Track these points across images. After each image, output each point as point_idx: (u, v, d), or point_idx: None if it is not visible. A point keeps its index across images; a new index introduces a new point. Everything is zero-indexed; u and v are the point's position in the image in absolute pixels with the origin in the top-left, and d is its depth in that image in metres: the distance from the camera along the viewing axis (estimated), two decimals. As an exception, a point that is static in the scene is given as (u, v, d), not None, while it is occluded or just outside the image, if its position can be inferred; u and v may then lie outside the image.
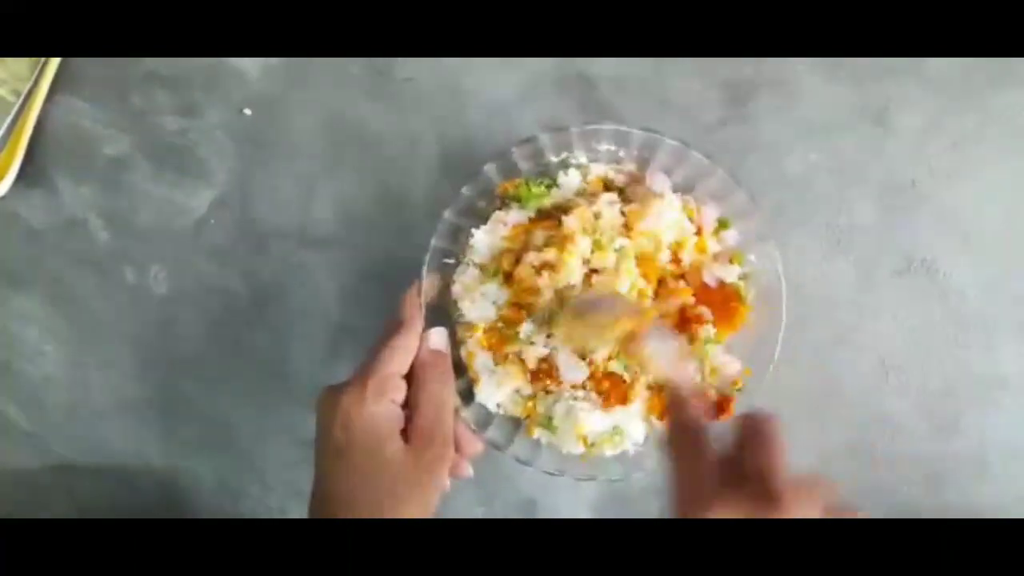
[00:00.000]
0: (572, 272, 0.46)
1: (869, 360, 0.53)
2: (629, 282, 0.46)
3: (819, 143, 0.53)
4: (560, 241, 0.46)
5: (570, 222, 0.47)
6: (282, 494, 0.58)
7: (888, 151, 0.53)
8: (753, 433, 0.35)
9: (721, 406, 0.47)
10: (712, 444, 0.36)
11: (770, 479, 0.33)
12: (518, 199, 0.49)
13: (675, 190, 0.49)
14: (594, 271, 0.47)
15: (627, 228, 0.48)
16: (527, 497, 0.56)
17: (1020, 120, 0.52)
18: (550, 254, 0.46)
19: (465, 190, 0.48)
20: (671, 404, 0.39)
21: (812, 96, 0.52)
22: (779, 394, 0.47)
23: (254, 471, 0.57)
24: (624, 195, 0.50)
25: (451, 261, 0.49)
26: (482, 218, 0.49)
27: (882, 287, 0.53)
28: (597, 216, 0.48)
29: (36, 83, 0.53)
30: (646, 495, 0.55)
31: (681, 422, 0.38)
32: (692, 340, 0.48)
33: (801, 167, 0.53)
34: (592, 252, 0.47)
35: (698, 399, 0.39)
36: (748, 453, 0.34)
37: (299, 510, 0.57)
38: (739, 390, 0.48)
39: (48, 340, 0.57)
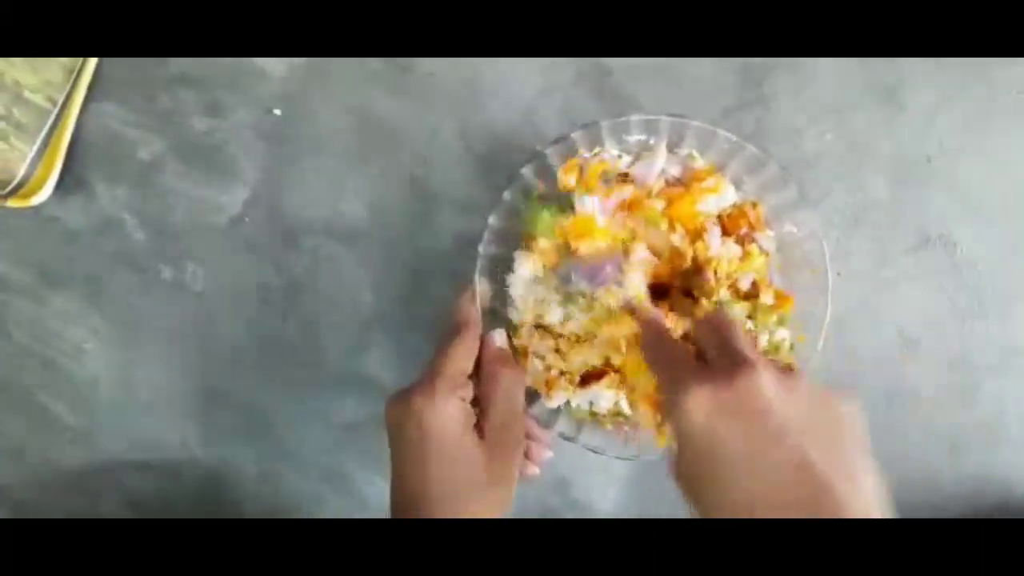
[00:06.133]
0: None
1: (887, 333, 0.54)
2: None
3: (833, 122, 0.54)
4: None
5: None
6: (318, 478, 0.60)
7: (900, 128, 0.53)
8: (705, 324, 0.41)
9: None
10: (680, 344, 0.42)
11: (728, 348, 0.38)
12: (535, 234, 0.49)
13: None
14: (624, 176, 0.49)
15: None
16: (559, 476, 0.58)
17: (1031, 93, 0.53)
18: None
19: (506, 194, 0.49)
20: (641, 321, 0.44)
21: (824, 76, 0.53)
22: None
23: (291, 457, 0.59)
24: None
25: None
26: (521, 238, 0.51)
27: (899, 261, 0.54)
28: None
29: (72, 89, 0.54)
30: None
31: (653, 331, 0.43)
32: (754, 310, 0.48)
33: (816, 146, 0.54)
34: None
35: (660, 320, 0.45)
36: (704, 338, 0.40)
37: (333, 493, 0.60)
38: (791, 348, 0.49)
39: (88, 338, 0.59)
